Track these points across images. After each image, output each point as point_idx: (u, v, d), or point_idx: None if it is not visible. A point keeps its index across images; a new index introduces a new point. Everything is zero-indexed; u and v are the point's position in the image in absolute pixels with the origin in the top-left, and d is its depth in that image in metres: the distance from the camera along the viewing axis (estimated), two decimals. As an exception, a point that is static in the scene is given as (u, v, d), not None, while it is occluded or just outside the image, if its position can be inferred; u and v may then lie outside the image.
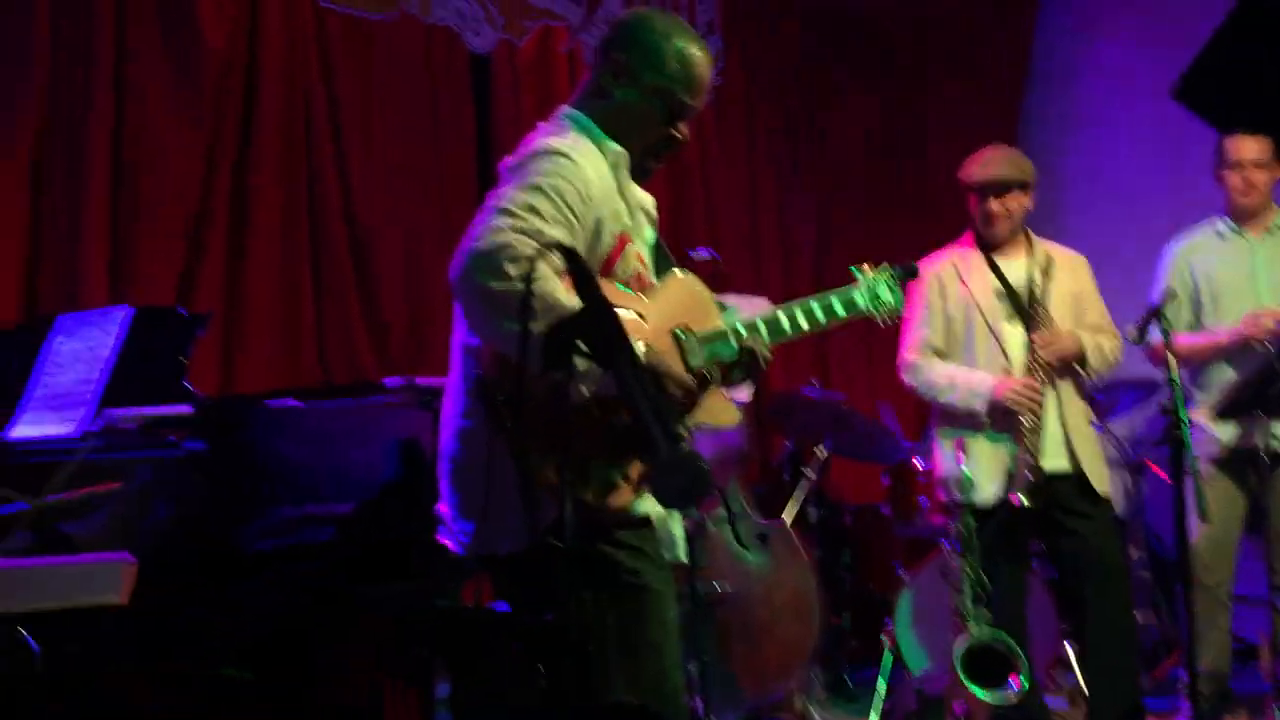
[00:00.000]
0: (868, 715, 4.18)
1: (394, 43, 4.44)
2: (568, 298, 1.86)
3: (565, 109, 2.24)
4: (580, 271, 1.67)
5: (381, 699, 3.94)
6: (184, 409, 2.30)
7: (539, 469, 1.88)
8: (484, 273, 1.91)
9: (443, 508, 2.15)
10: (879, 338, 4.11)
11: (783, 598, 4.20)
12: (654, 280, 2.24)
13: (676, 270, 2.27)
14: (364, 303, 4.27)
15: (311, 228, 4.17)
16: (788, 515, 4.38)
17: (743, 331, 2.18)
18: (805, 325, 2.28)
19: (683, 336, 2.13)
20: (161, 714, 2.16)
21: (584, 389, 1.90)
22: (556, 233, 1.95)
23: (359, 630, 3.07)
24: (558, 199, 1.99)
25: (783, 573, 4.22)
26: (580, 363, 1.75)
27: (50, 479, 1.96)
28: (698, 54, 2.20)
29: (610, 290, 2.01)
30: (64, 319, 2.89)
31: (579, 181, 2.04)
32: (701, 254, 4.16)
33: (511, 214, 1.95)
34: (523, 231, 1.92)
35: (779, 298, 2.61)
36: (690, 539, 3.78)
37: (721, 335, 2.17)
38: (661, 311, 2.14)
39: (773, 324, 2.23)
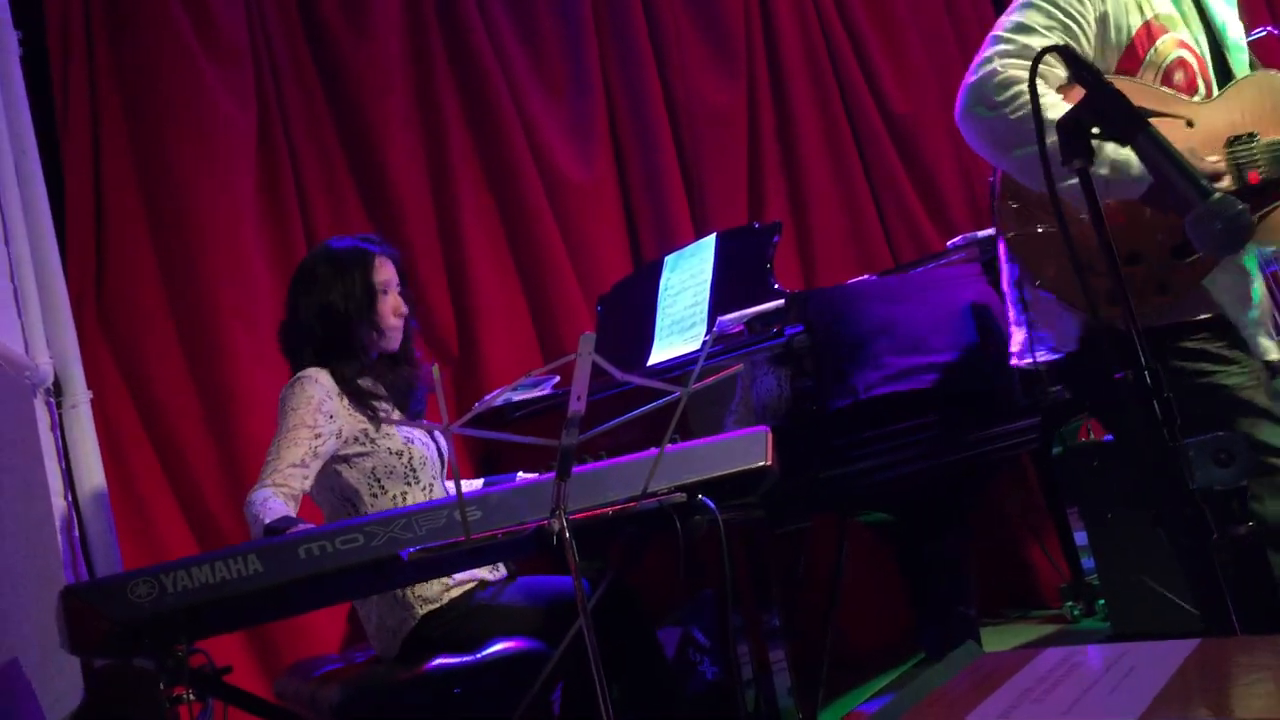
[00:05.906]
0: None
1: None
2: (1058, 101, 1.88)
3: None
4: (1074, 61, 1.68)
5: (1017, 543, 4.10)
6: (776, 303, 2.62)
7: (1082, 274, 1.90)
8: (976, 105, 1.99)
9: (1011, 330, 2.25)
10: None
11: None
12: (1210, 73, 2.13)
13: (1257, 70, 2.13)
14: (916, 183, 4.41)
15: (852, 128, 4.39)
16: None
17: None
18: None
19: (1238, 144, 2.00)
20: (816, 555, 2.49)
21: (1107, 173, 1.91)
22: (1051, 41, 1.95)
23: (987, 476, 3.25)
24: (1049, 6, 2.00)
25: None
26: (1099, 147, 1.76)
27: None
28: None
29: (1141, 93, 1.99)
30: (667, 259, 3.38)
31: None
32: (1259, 33, 3.77)
33: (1000, 39, 2.00)
34: (1010, 55, 1.97)
35: None
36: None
37: None
38: (1220, 117, 2.03)
39: None
